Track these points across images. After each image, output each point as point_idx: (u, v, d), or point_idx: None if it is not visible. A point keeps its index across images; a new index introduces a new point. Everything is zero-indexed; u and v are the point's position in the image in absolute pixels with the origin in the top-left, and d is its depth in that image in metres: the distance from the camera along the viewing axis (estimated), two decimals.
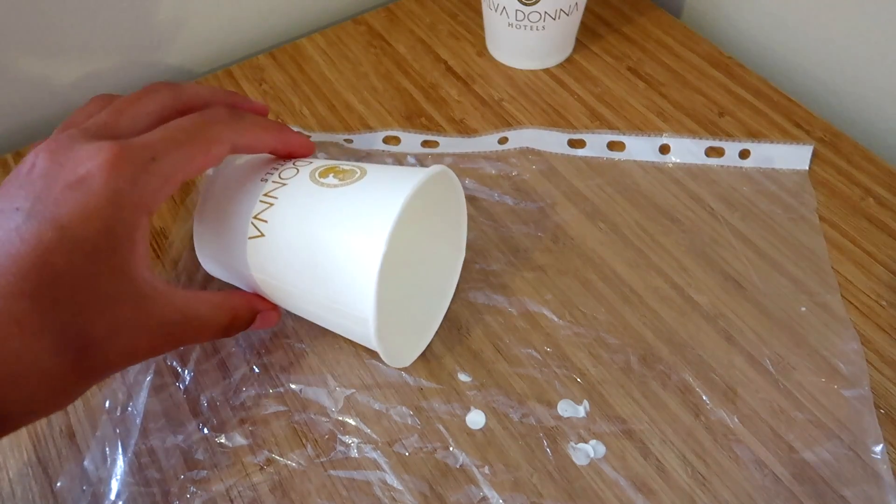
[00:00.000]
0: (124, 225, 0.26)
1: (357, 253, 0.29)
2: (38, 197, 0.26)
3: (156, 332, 0.28)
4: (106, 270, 0.26)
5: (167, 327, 0.28)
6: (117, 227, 0.26)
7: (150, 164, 0.27)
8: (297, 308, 0.33)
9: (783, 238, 0.39)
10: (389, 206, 0.29)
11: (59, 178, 0.26)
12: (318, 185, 0.31)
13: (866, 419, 0.32)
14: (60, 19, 0.45)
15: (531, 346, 0.35)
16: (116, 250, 0.26)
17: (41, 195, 0.26)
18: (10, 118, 0.47)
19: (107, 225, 0.26)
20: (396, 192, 0.29)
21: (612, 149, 0.44)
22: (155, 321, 0.28)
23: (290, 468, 0.32)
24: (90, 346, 0.26)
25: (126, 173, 0.26)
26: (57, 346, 0.25)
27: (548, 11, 0.45)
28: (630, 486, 0.31)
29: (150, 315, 0.27)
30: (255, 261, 0.32)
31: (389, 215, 0.28)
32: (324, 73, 0.50)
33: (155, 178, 0.27)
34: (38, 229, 0.25)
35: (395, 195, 0.29)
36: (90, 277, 0.26)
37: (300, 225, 0.30)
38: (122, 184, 0.26)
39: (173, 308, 0.28)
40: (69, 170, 0.26)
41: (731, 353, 0.35)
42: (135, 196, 0.27)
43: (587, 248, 0.39)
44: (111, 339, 0.26)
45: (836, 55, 0.48)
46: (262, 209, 0.31)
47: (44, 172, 0.26)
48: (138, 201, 0.27)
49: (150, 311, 0.27)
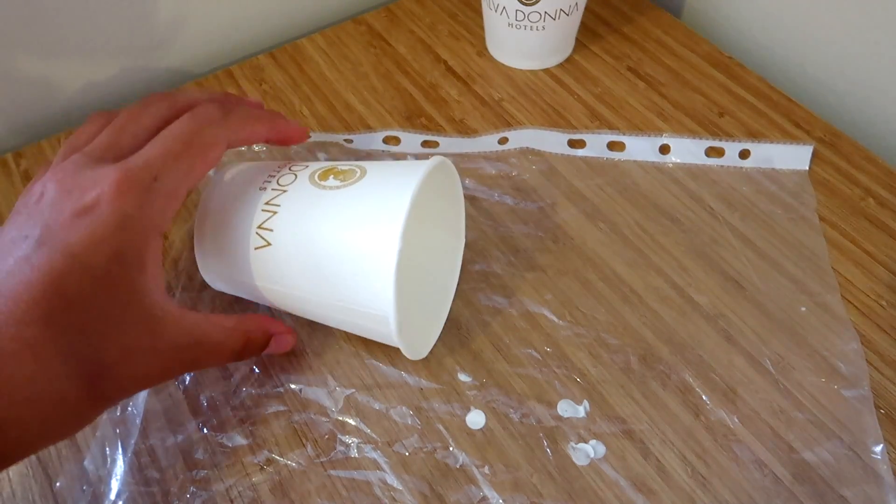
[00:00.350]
0: (134, 248, 0.27)
1: (371, 253, 0.29)
2: (47, 225, 0.26)
3: (167, 356, 0.28)
4: (117, 295, 0.26)
5: (179, 351, 0.28)
6: (127, 252, 0.27)
7: (154, 184, 0.27)
8: (308, 312, 0.33)
9: (783, 238, 0.39)
10: (397, 203, 0.29)
11: (67, 206, 0.26)
12: (320, 187, 0.31)
13: (866, 419, 0.32)
14: (60, 19, 0.45)
15: (531, 346, 0.35)
16: (127, 275, 0.27)
17: (50, 223, 0.26)
18: (10, 118, 0.47)
19: (116, 250, 0.26)
20: (401, 188, 0.29)
21: (612, 149, 0.44)
22: (166, 345, 0.28)
23: (290, 468, 0.32)
24: (102, 370, 0.26)
25: (131, 197, 0.27)
26: (69, 371, 0.25)
27: (548, 11, 0.45)
28: (630, 486, 0.31)
29: (161, 339, 0.28)
30: (262, 270, 0.32)
31: (399, 213, 0.28)
32: (324, 73, 0.50)
33: (160, 197, 0.28)
34: (48, 256, 0.25)
35: (400, 191, 0.29)
36: (101, 303, 0.26)
37: (307, 230, 0.30)
38: (129, 208, 0.27)
39: (185, 332, 0.28)
40: (76, 197, 0.26)
41: (731, 353, 0.35)
42: (143, 219, 0.27)
43: (587, 248, 0.39)
44: (123, 363, 0.27)
45: (836, 55, 0.48)
46: (266, 218, 0.31)
47: (52, 200, 0.27)
48: (147, 223, 0.27)
49: (162, 334, 0.28)
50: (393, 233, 0.28)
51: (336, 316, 0.32)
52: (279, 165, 0.34)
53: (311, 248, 0.30)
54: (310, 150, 0.44)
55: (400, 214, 0.28)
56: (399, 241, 0.28)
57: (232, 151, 0.44)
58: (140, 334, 0.27)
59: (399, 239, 0.28)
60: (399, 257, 0.28)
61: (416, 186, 0.29)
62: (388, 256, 0.28)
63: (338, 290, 0.30)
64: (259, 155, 0.44)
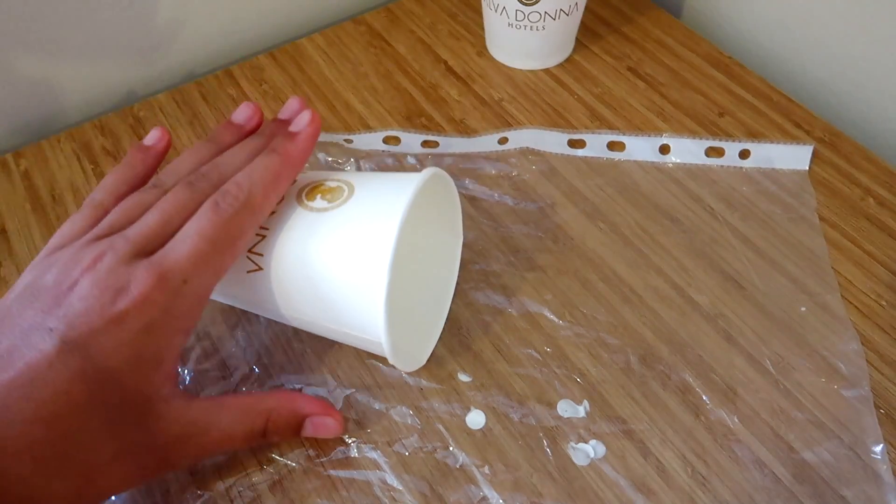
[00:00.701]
0: (155, 350, 0.27)
1: (361, 284, 0.29)
2: (72, 324, 0.25)
3: (164, 451, 0.28)
4: (125, 397, 0.26)
5: (179, 445, 0.28)
6: (146, 355, 0.26)
7: (183, 287, 0.27)
8: (305, 328, 0.33)
9: (783, 238, 0.39)
10: (385, 230, 0.29)
11: (98, 309, 0.26)
12: (308, 209, 0.31)
13: (866, 419, 0.32)
14: (60, 19, 0.45)
15: (531, 346, 0.35)
16: (139, 376, 0.26)
17: (76, 323, 0.25)
18: (10, 118, 0.47)
19: (136, 354, 0.26)
20: (390, 212, 0.29)
21: (612, 149, 0.44)
22: (164, 440, 0.27)
23: (290, 468, 0.32)
24: (93, 473, 0.26)
25: (160, 303, 0.26)
26: (62, 473, 0.25)
27: (548, 11, 0.45)
28: (630, 486, 0.31)
29: (158, 434, 0.27)
30: (256, 292, 0.32)
31: (387, 243, 0.28)
32: (324, 73, 0.50)
33: (188, 300, 0.27)
34: (66, 357, 0.25)
35: (389, 217, 0.29)
36: (106, 405, 0.26)
37: (296, 257, 0.30)
38: (157, 313, 0.26)
39: (188, 423, 0.28)
40: (108, 300, 0.26)
41: (731, 353, 0.35)
42: (170, 322, 0.27)
43: (587, 248, 0.39)
44: (116, 463, 0.26)
45: (836, 55, 0.48)
46: (256, 242, 0.31)
47: (83, 296, 0.26)
48: (174, 325, 0.27)
49: (160, 429, 0.27)
50: (381, 264, 0.28)
51: (332, 335, 0.33)
52: None
53: (301, 274, 0.30)
54: None
55: (387, 245, 0.28)
56: (388, 273, 0.28)
57: None
58: (137, 432, 0.27)
59: (388, 271, 0.28)
60: (388, 289, 0.28)
61: (403, 211, 0.29)
62: (377, 288, 0.28)
63: (331, 315, 0.31)
64: None
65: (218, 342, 0.36)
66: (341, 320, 0.30)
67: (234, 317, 0.37)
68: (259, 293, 0.32)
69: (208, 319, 0.37)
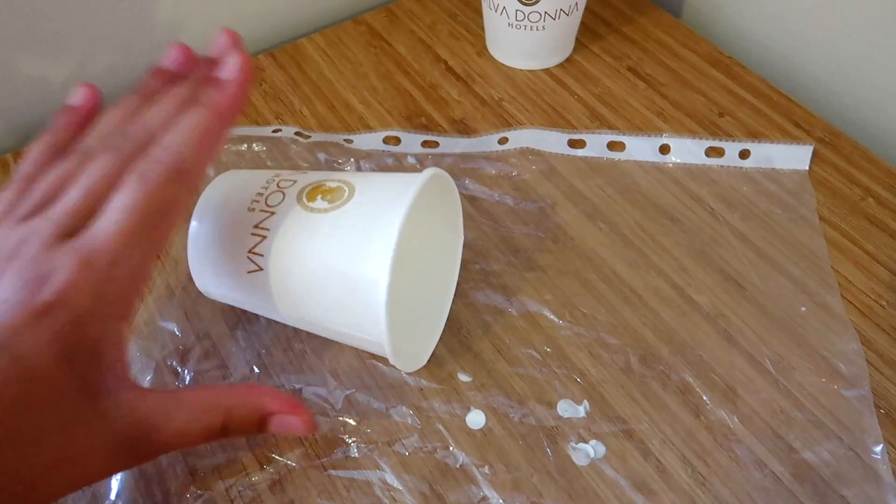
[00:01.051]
0: (88, 344, 0.24)
1: (361, 287, 0.29)
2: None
3: (113, 453, 0.25)
4: (59, 397, 0.24)
5: (129, 444, 0.25)
6: (79, 350, 0.24)
7: (112, 271, 0.25)
8: (305, 328, 0.33)
9: (783, 238, 0.39)
10: (385, 232, 0.29)
11: (19, 303, 0.23)
12: (308, 210, 0.31)
13: (866, 419, 0.32)
14: (60, 19, 0.45)
15: (531, 346, 0.35)
16: (75, 373, 0.24)
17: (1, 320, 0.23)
18: (10, 118, 0.47)
19: (68, 349, 0.24)
20: (390, 213, 0.29)
21: (612, 149, 0.44)
22: (111, 440, 0.25)
23: (290, 468, 0.32)
24: (32, 481, 0.23)
25: (88, 290, 0.24)
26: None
27: (548, 11, 0.45)
28: (630, 486, 0.31)
29: (104, 434, 0.25)
30: (256, 293, 0.32)
31: (387, 243, 0.28)
32: (324, 73, 0.50)
33: (120, 283, 0.25)
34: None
35: (389, 218, 0.29)
36: (40, 406, 0.23)
37: (296, 259, 0.30)
38: (86, 302, 0.24)
39: (137, 418, 0.25)
40: (32, 291, 0.23)
41: (731, 353, 0.35)
42: (102, 310, 0.25)
43: (587, 248, 0.39)
44: (57, 470, 0.24)
45: (836, 55, 0.48)
46: (256, 242, 0.31)
47: (5, 287, 0.24)
48: (107, 313, 0.25)
49: (106, 428, 0.25)
50: (382, 265, 0.28)
51: (333, 336, 0.33)
52: (267, 180, 0.33)
53: (302, 275, 0.30)
54: (310, 150, 0.44)
55: (388, 245, 0.28)
56: (388, 273, 0.28)
57: (231, 151, 0.44)
58: (80, 433, 0.24)
59: (388, 272, 0.28)
60: (389, 289, 0.28)
61: (404, 212, 0.29)
62: (378, 288, 0.28)
63: (331, 315, 0.31)
64: (259, 155, 0.44)
65: (218, 342, 0.36)
66: (342, 320, 0.30)
67: (234, 317, 0.37)
68: (259, 294, 0.32)
69: (208, 319, 0.37)
